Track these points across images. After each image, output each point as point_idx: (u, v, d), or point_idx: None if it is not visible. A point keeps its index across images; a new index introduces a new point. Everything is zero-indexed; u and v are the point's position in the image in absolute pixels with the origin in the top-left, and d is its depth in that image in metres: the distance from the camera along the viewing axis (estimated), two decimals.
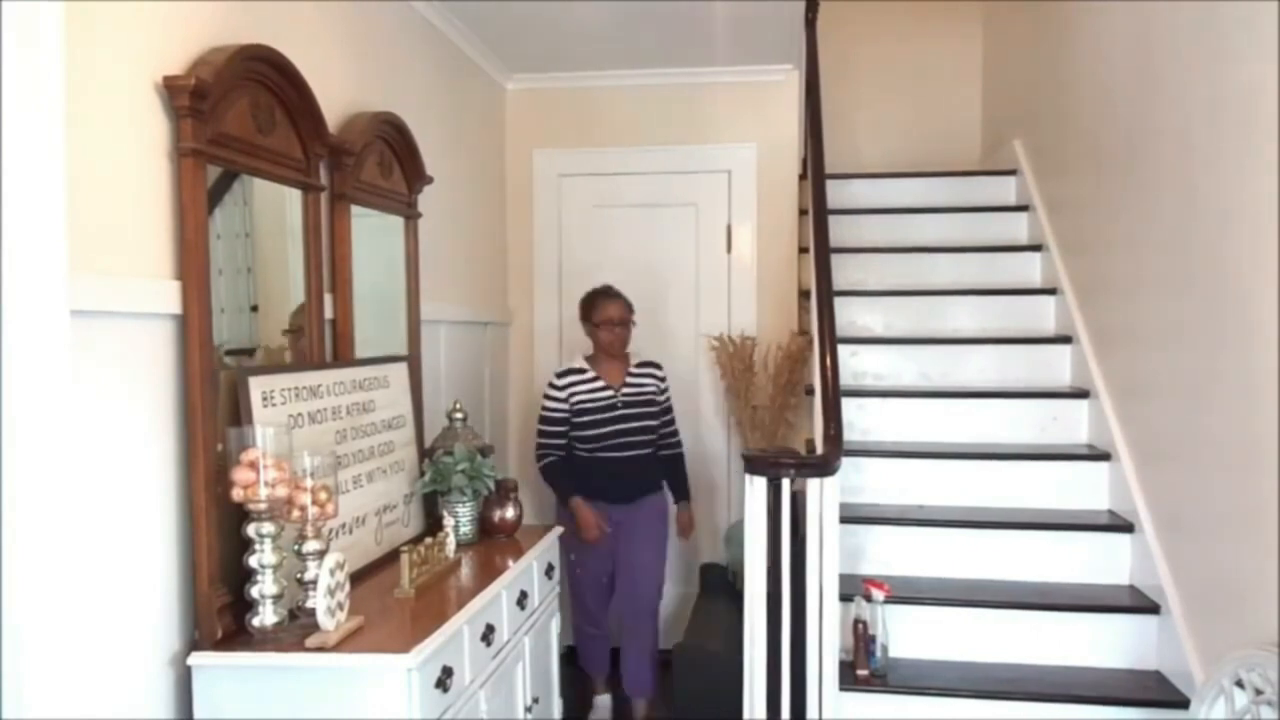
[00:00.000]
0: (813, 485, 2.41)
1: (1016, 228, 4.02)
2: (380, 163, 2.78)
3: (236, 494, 1.87)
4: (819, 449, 2.62)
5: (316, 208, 2.41)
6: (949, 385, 3.48)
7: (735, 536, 3.58)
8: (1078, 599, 2.75)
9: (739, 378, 3.98)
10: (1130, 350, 2.94)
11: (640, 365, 3.57)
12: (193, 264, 1.88)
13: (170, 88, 1.84)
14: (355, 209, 2.62)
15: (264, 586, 1.89)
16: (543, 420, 3.48)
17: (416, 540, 2.45)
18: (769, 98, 4.21)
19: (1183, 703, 2.41)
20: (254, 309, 2.23)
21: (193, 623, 1.91)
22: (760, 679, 2.40)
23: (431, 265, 3.24)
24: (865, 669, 2.62)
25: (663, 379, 3.61)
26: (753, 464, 2.42)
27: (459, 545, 2.58)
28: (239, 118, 2.04)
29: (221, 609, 1.92)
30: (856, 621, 2.63)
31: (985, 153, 4.99)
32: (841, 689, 2.54)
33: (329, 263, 2.50)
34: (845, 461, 2.57)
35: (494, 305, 4.16)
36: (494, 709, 2.33)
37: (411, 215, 3.00)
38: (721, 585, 3.85)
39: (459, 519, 2.69)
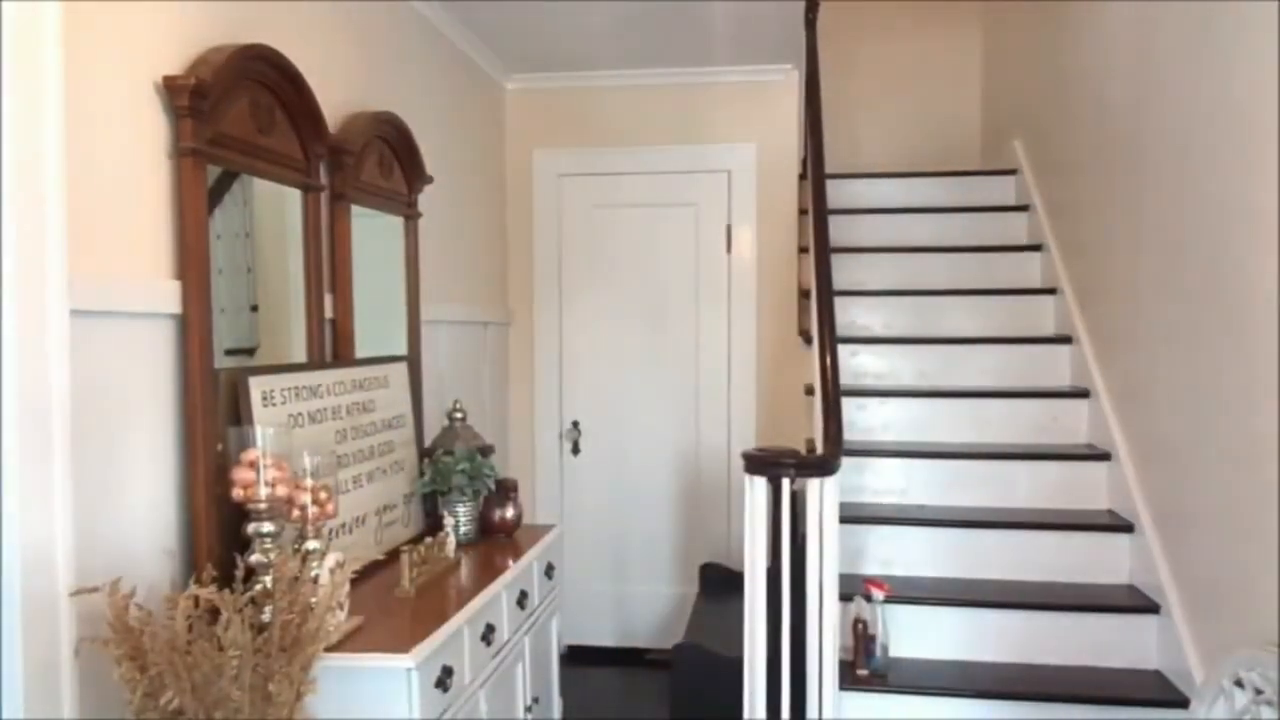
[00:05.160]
0: (813, 485, 2.41)
1: (1016, 228, 4.02)
2: (380, 163, 2.78)
3: (236, 494, 1.87)
4: (819, 449, 2.62)
5: (316, 208, 2.41)
6: (949, 385, 3.47)
7: None
8: (1077, 599, 2.75)
9: None
10: (1130, 350, 2.94)
11: None
12: (193, 264, 1.89)
13: (170, 87, 1.84)
14: (355, 209, 2.62)
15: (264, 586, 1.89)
16: None
17: (416, 540, 2.46)
18: (769, 98, 4.21)
19: (1182, 702, 2.41)
20: (254, 309, 2.23)
21: None
22: (760, 679, 2.39)
23: (431, 265, 3.24)
24: (865, 669, 2.62)
25: None
26: (753, 463, 2.42)
27: (459, 545, 2.58)
28: (239, 117, 2.04)
29: None
30: (856, 621, 2.63)
31: (985, 153, 4.98)
32: (841, 689, 2.54)
33: (329, 263, 2.50)
34: (845, 461, 2.57)
35: (494, 305, 4.16)
36: (494, 709, 2.33)
37: (411, 215, 3.00)
38: (721, 585, 3.84)
39: (459, 519, 2.70)
